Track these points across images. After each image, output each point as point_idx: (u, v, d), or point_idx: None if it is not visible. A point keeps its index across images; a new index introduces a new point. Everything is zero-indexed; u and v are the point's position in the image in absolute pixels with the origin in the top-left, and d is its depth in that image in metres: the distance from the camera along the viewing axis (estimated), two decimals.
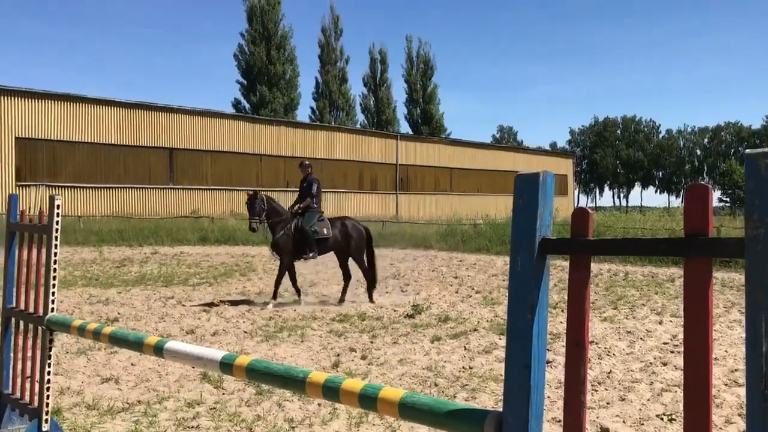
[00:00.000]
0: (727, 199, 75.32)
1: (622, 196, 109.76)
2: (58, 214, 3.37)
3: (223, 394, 4.58)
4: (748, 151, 1.29)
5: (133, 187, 29.05)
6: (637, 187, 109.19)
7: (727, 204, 73.69)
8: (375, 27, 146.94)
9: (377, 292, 10.07)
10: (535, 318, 1.55)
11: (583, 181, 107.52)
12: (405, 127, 60.56)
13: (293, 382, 2.09)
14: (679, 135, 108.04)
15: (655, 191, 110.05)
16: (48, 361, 3.36)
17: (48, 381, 3.35)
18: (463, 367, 5.37)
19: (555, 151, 69.70)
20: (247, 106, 50.46)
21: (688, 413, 1.39)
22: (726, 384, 4.84)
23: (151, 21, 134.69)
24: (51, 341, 3.39)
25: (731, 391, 4.63)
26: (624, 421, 4.03)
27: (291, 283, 9.21)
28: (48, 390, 3.35)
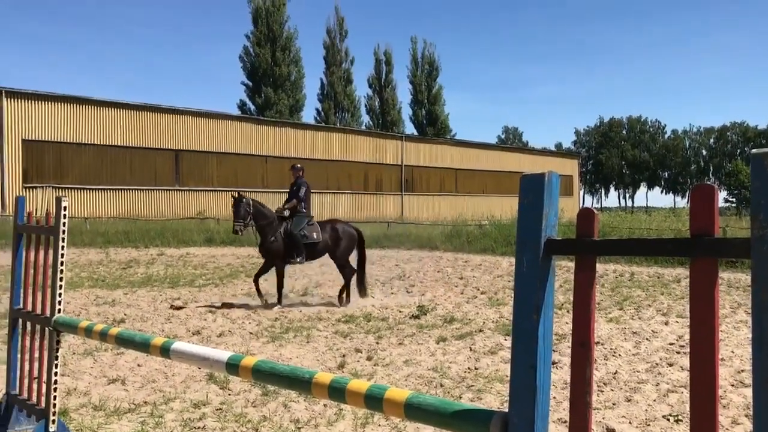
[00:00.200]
0: (733, 200, 75.05)
1: (627, 196, 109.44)
2: (64, 215, 3.39)
3: (229, 394, 4.59)
4: (754, 151, 1.28)
5: (140, 189, 29.16)
6: (643, 188, 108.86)
7: (733, 204, 73.34)
8: (380, 28, 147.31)
9: (383, 292, 10.07)
10: (541, 319, 1.55)
11: (589, 182, 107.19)
12: (410, 128, 60.67)
13: (299, 382, 2.10)
14: (685, 135, 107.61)
15: (661, 192, 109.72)
16: (55, 362, 3.38)
17: (55, 382, 3.37)
18: (469, 368, 5.36)
19: (560, 152, 69.57)
20: (253, 107, 50.58)
21: (694, 414, 1.39)
22: (732, 385, 4.82)
23: (156, 22, 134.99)
24: (58, 342, 3.40)
25: (738, 392, 4.61)
26: (630, 422, 4.02)
27: (255, 283, 8.95)
28: (55, 391, 3.36)
